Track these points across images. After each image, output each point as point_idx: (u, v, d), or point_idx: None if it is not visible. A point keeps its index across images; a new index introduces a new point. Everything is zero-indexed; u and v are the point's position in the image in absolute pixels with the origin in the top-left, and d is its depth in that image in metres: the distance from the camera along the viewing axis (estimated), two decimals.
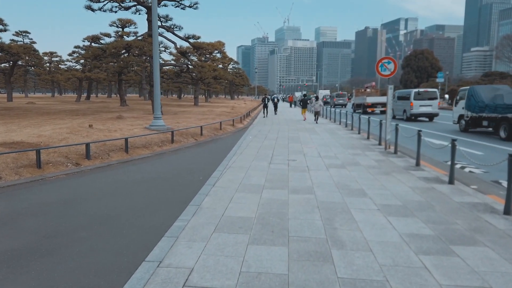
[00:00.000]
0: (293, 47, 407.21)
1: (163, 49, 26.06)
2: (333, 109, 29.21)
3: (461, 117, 18.72)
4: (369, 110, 33.74)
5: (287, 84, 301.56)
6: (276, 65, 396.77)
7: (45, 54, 56.29)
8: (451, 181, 7.77)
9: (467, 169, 9.64)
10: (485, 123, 16.82)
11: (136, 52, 21.20)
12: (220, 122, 17.76)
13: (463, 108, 18.34)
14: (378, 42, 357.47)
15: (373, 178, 8.14)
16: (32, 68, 46.07)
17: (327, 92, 79.21)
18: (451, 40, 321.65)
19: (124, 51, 21.12)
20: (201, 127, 15.30)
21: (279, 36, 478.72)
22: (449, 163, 10.96)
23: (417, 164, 9.74)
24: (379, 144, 13.68)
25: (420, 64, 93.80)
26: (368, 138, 15.52)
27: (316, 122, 24.35)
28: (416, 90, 26.51)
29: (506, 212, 5.73)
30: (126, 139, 10.59)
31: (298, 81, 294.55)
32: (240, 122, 22.26)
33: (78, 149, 9.78)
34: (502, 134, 15.31)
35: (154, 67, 14.19)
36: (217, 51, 38.38)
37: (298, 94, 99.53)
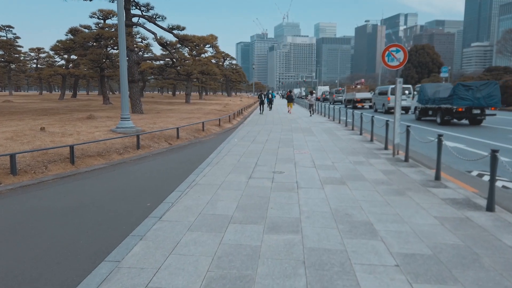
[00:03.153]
0: (292, 44, 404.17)
1: (139, 40, 23.66)
2: (332, 106, 27.16)
3: (416, 108, 22.94)
4: (358, 105, 37.19)
5: (287, 81, 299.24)
6: (275, 62, 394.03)
7: (32, 50, 53.96)
8: (490, 207, 5.67)
9: (498, 183, 7.53)
10: (430, 112, 21.00)
11: (113, 45, 19.01)
12: (203, 123, 15.63)
13: (417, 101, 22.44)
14: (378, 37, 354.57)
15: (383, 202, 6.03)
16: (13, 64, 43.68)
17: (326, 88, 77.10)
18: (451, 36, 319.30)
19: (95, 42, 18.95)
20: (177, 128, 13.15)
21: (278, 33, 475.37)
22: (474, 173, 8.96)
23: (437, 177, 7.62)
24: (385, 148, 11.59)
25: (421, 59, 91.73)
26: (371, 140, 13.43)
27: (311, 115, 26.57)
28: (393, 86, 29.14)
29: None
30: (71, 147, 8.47)
31: (297, 77, 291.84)
32: (228, 121, 20.13)
33: (4, 161, 7.67)
34: (438, 120, 19.67)
35: (120, 58, 12.05)
36: (209, 45, 36.16)
37: (296, 91, 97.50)
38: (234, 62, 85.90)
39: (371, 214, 5.44)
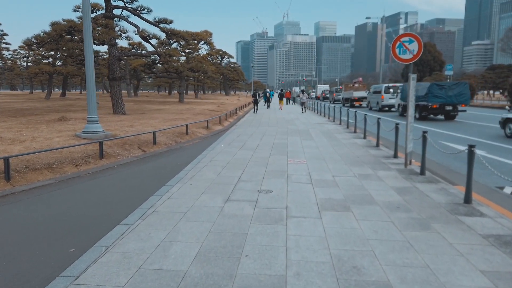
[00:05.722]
0: (292, 42, 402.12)
1: (118, 33, 21.66)
2: (332, 105, 25.51)
3: (399, 105, 25.13)
4: (356, 103, 37.52)
5: (287, 80, 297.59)
6: (275, 60, 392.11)
7: (22, 47, 52.08)
8: None
9: None
10: None
11: (94, 40, 17.26)
12: (187, 125, 13.89)
13: (400, 99, 24.52)
14: (378, 36, 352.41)
15: (404, 243, 4.34)
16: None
17: (326, 87, 75.55)
18: (452, 34, 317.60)
19: (68, 35, 17.23)
20: (153, 132, 11.43)
21: (278, 31, 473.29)
22: (508, 190, 7.28)
23: (467, 200, 5.93)
24: (395, 156, 9.89)
25: (422, 57, 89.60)
26: (377, 145, 11.73)
27: (303, 112, 28.49)
28: (386, 85, 30.65)
29: None
30: (5, 159, 6.75)
31: (297, 76, 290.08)
32: (219, 123, 18.41)
33: None
34: (417, 115, 21.40)
35: (85, 50, 10.32)
36: (203, 42, 34.39)
37: (297, 90, 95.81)
38: (232, 60, 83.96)
39: (390, 266, 3.75)
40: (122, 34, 19.73)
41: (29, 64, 56.27)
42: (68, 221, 5.12)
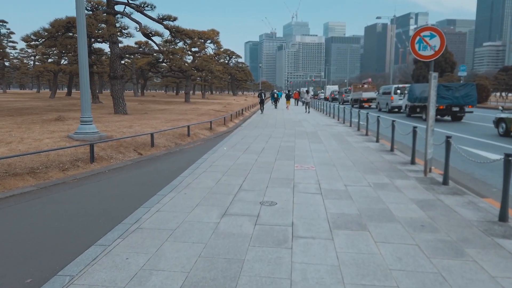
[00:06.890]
0: (301, 43, 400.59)
1: (119, 29, 21.02)
2: (342, 106, 24.67)
3: (406, 106, 24.87)
4: (365, 105, 37.06)
5: (295, 80, 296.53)
6: (284, 61, 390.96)
7: (30, 46, 51.65)
8: None
9: None
10: (417, 110, 23.21)
11: (97, 38, 16.66)
12: (188, 126, 13.16)
13: (407, 100, 24.28)
14: (387, 37, 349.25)
15: (436, 275, 3.54)
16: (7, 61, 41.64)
17: (336, 87, 74.40)
18: (463, 35, 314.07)
19: (67, 32, 16.64)
20: (151, 134, 10.70)
21: (287, 32, 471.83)
22: None
23: (503, 217, 5.10)
24: (412, 162, 9.04)
25: None
26: (392, 150, 10.89)
27: (306, 112, 28.65)
28: (396, 85, 30.49)
29: None
30: None
31: (306, 77, 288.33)
32: (223, 124, 17.66)
33: None
34: (423, 117, 21.19)
35: (79, 47, 9.64)
36: (209, 40, 33.68)
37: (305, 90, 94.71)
38: (240, 60, 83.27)
39: None
40: (123, 31, 19.06)
41: (36, 62, 56.04)
42: (36, 239, 4.39)
